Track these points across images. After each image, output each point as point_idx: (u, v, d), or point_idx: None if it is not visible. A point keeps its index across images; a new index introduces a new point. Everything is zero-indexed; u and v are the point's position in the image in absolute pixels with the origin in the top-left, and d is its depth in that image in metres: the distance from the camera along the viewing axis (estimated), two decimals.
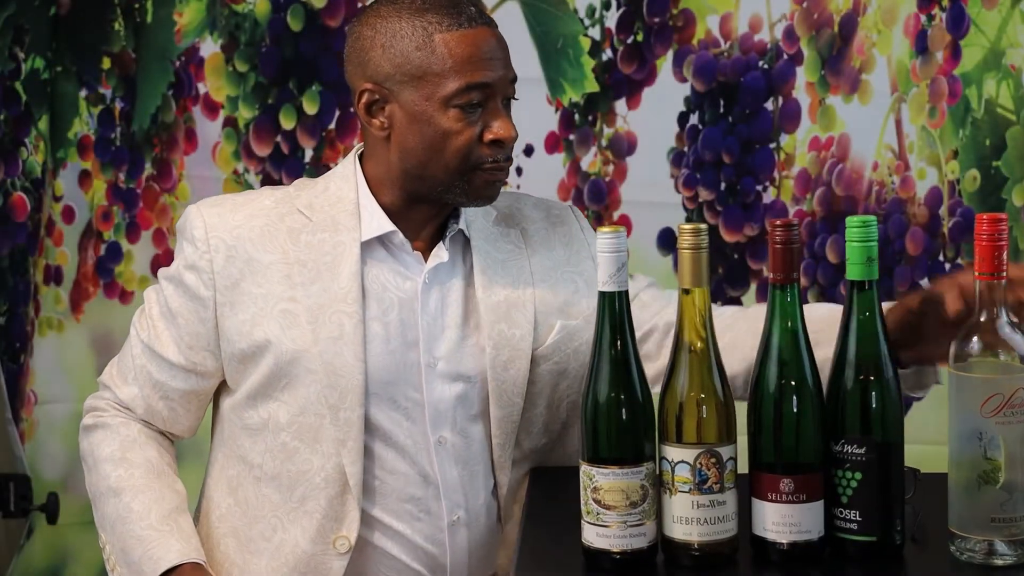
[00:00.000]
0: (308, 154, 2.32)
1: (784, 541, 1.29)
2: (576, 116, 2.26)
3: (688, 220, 2.23)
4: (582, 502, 1.30)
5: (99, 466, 1.57)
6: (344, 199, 1.54)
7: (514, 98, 1.53)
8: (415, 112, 1.49)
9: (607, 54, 2.25)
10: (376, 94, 1.50)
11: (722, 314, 1.54)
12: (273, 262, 1.52)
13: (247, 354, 1.51)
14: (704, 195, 2.23)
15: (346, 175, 1.56)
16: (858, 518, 1.29)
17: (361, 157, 1.58)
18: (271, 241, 1.53)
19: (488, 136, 1.49)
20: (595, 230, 1.42)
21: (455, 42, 1.47)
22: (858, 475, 1.29)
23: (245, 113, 2.32)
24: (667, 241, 2.23)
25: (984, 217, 1.25)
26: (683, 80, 2.23)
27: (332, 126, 2.32)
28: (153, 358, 1.56)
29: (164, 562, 1.49)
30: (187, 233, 1.55)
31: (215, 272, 1.52)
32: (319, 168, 2.29)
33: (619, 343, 1.30)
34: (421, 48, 1.47)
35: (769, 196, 2.22)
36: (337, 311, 1.49)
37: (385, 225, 1.53)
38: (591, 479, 1.29)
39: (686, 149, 2.24)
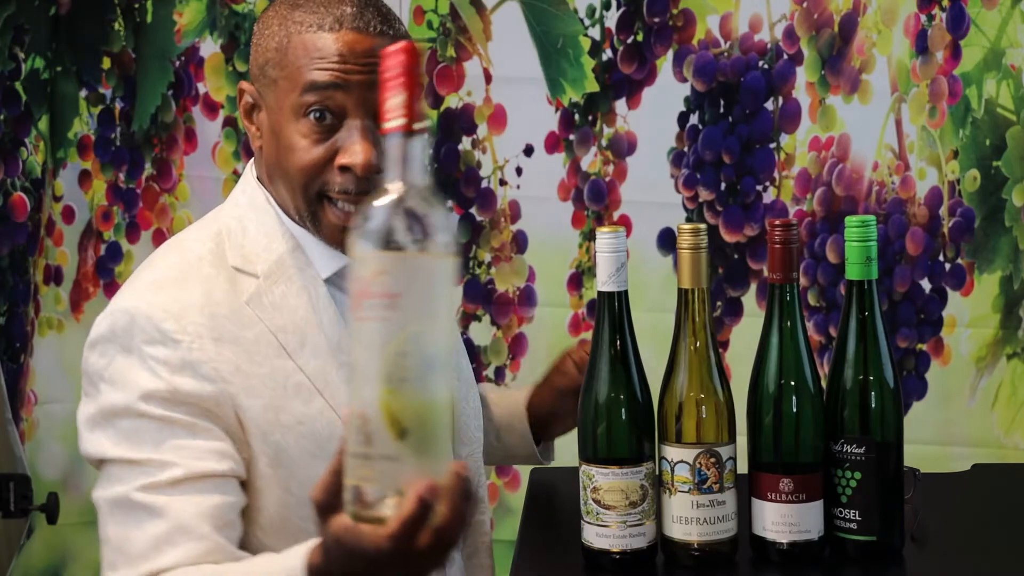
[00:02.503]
0: None
1: (784, 541, 1.29)
2: (576, 116, 2.26)
3: (688, 220, 2.23)
4: (582, 502, 1.30)
5: None
6: (272, 234, 1.32)
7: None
8: (271, 121, 1.31)
9: (607, 54, 2.25)
10: (251, 96, 1.33)
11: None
12: (257, 335, 1.28)
13: (283, 446, 1.27)
14: (704, 195, 2.23)
15: (257, 205, 1.34)
16: (858, 518, 1.29)
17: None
18: (242, 313, 1.29)
19: (339, 159, 1.27)
20: (595, 230, 1.41)
21: (309, 45, 1.27)
22: (857, 475, 1.29)
23: None
24: (667, 241, 2.23)
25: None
26: (683, 80, 2.23)
27: None
28: (193, 489, 1.22)
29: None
30: (149, 334, 1.25)
31: (212, 360, 1.25)
32: None
33: (618, 343, 1.30)
34: (279, 49, 1.29)
35: (769, 196, 2.22)
36: (341, 365, 1.30)
37: (334, 261, 1.32)
38: (591, 479, 1.29)
39: (686, 149, 2.24)
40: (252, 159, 1.39)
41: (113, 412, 1.27)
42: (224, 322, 1.27)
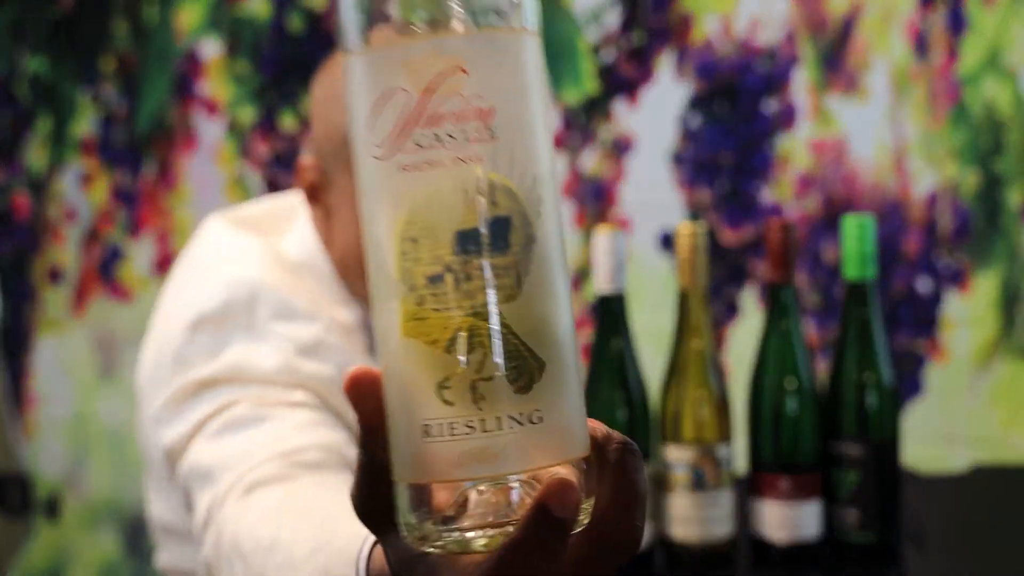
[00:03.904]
0: None
1: (783, 541, 1.30)
2: (576, 116, 2.27)
3: (688, 220, 2.23)
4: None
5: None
6: (336, 304, 1.16)
7: None
8: (347, 211, 1.13)
9: (607, 55, 2.25)
10: (315, 172, 1.17)
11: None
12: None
13: None
14: (704, 195, 2.23)
15: (323, 277, 1.16)
16: (857, 518, 1.30)
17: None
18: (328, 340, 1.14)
19: None
20: (594, 231, 1.40)
21: None
22: (856, 475, 1.29)
23: (246, 114, 2.33)
24: (667, 241, 2.23)
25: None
26: (683, 80, 2.23)
27: None
28: (319, 420, 1.05)
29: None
30: (276, 308, 1.09)
31: (345, 352, 1.11)
32: None
33: (617, 344, 1.30)
34: None
35: (769, 196, 2.22)
36: None
37: None
38: None
39: (686, 149, 2.24)
40: (308, 206, 1.20)
41: (215, 381, 1.06)
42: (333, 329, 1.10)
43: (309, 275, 1.17)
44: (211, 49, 2.34)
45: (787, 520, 1.29)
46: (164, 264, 2.35)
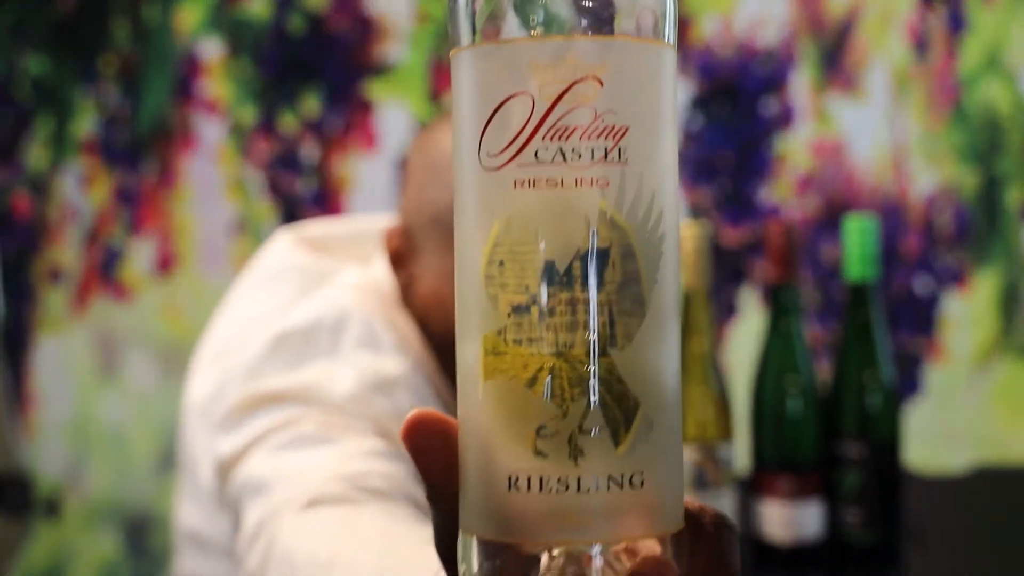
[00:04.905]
0: (311, 156, 2.33)
1: (784, 541, 1.30)
2: None
3: (688, 220, 2.23)
4: None
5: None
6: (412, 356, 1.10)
7: None
8: (438, 286, 1.09)
9: None
10: (402, 239, 1.12)
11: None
12: None
13: None
14: (704, 195, 2.23)
15: (408, 341, 1.09)
16: (858, 518, 1.30)
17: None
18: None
19: None
20: None
21: None
22: (857, 475, 1.29)
23: (247, 114, 2.33)
24: None
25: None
26: (683, 80, 2.23)
27: (334, 128, 2.32)
28: (390, 455, 0.98)
29: None
30: (362, 337, 1.05)
31: (418, 396, 1.05)
32: (322, 171, 2.30)
33: None
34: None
35: (769, 196, 2.22)
36: None
37: None
38: None
39: (686, 149, 2.24)
40: (392, 272, 1.16)
41: (284, 396, 1.02)
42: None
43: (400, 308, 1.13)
44: (211, 49, 2.33)
45: (788, 520, 1.29)
46: (164, 264, 2.35)
